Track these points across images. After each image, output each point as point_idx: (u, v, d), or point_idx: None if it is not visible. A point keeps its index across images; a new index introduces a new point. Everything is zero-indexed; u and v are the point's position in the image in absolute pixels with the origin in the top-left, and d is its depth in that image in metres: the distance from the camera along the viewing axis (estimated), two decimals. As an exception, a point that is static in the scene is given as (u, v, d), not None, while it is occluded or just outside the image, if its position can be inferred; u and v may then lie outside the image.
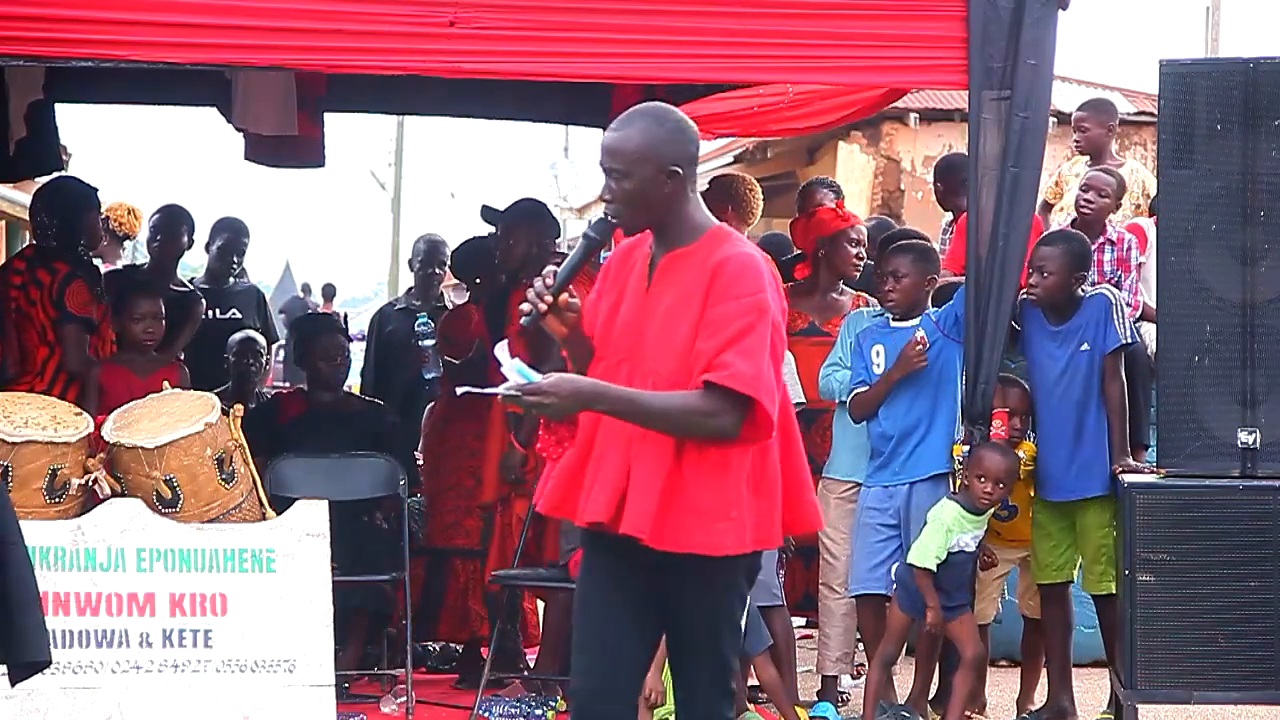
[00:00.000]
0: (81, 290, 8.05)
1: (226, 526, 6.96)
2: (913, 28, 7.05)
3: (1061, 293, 7.27)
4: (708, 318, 4.65)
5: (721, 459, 4.68)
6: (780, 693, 7.39)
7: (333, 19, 6.75)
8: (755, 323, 4.63)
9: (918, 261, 7.49)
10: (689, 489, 4.67)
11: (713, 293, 4.67)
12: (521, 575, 8.07)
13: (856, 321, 7.83)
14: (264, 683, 6.92)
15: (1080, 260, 7.32)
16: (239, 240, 10.45)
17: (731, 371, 4.59)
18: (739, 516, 4.69)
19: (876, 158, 21.09)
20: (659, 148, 4.79)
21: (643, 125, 4.83)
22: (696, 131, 4.95)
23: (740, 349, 4.60)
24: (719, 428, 4.63)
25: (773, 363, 4.67)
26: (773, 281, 4.77)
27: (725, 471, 4.68)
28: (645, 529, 4.65)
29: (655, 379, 4.70)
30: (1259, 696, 6.89)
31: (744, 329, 4.62)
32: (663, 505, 4.66)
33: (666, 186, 4.77)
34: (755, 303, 4.66)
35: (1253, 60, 6.88)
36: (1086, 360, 7.23)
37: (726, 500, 4.68)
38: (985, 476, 7.04)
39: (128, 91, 9.73)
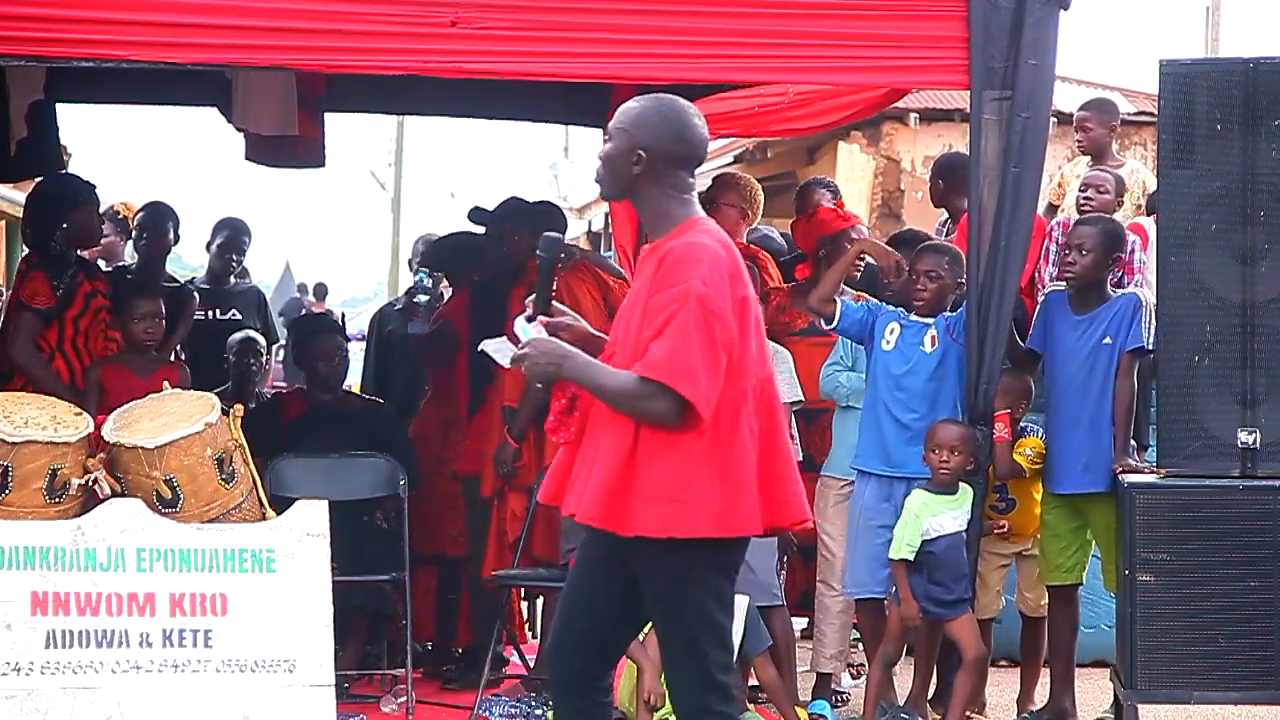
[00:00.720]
0: (37, 281, 8.12)
1: (226, 526, 6.95)
2: (913, 28, 7.05)
3: (1095, 273, 7.30)
4: (647, 308, 4.84)
5: (669, 443, 4.79)
6: (780, 693, 7.40)
7: (333, 19, 6.75)
8: (678, 310, 4.75)
9: (952, 264, 7.49)
10: (639, 473, 4.80)
11: (654, 283, 4.85)
12: (521, 575, 8.07)
13: None
14: (264, 683, 6.91)
15: (1116, 242, 7.36)
16: (239, 239, 10.44)
17: (647, 359, 4.77)
18: (689, 500, 4.77)
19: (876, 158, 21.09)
20: (640, 128, 4.93)
21: (645, 104, 5.00)
22: (697, 134, 5.01)
23: (663, 337, 4.75)
24: (654, 411, 4.77)
25: (712, 347, 4.76)
26: (726, 267, 4.85)
27: (672, 455, 4.78)
28: (594, 514, 4.83)
29: (622, 365, 4.89)
30: (1259, 696, 6.89)
31: (669, 317, 4.77)
32: (611, 490, 4.80)
33: (635, 167, 4.93)
34: (683, 291, 4.76)
35: (1253, 60, 6.88)
36: (1107, 354, 7.24)
37: (674, 484, 4.78)
38: (939, 447, 7.07)
39: (128, 91, 9.72)
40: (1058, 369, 7.37)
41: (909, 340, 7.43)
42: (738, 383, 4.87)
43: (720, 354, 4.79)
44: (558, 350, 4.92)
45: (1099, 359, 7.26)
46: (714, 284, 4.80)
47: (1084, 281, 7.31)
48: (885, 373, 7.43)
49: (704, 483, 4.80)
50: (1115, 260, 7.39)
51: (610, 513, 4.84)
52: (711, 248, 4.87)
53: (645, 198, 4.99)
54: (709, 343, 4.77)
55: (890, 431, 7.38)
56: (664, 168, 4.95)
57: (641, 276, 4.98)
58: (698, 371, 4.74)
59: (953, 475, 7.12)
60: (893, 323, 7.49)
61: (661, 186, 4.96)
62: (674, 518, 4.79)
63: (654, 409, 4.77)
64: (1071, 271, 7.32)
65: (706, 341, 4.77)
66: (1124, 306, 7.24)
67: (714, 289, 4.80)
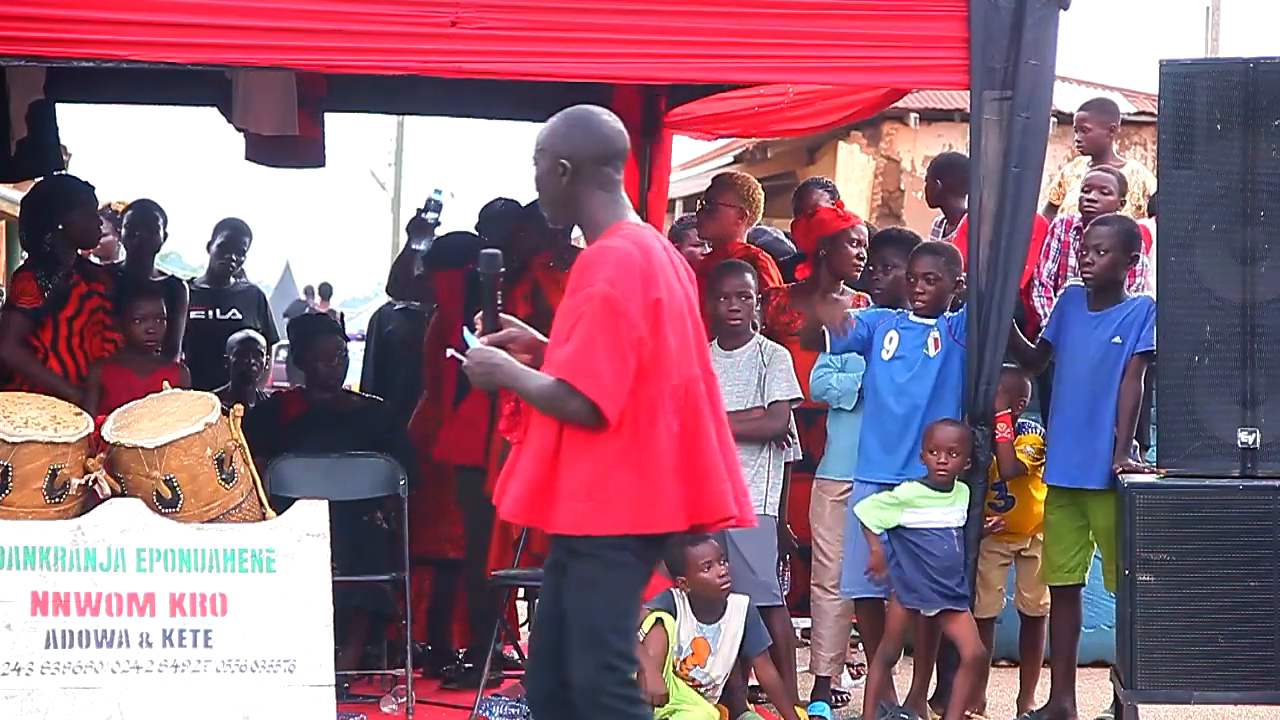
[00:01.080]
0: (25, 281, 8.17)
1: (226, 526, 6.95)
2: (914, 28, 7.05)
3: (1113, 272, 7.31)
4: (564, 308, 5.06)
5: (588, 442, 4.99)
6: (780, 693, 7.40)
7: (333, 19, 6.75)
8: (585, 312, 4.95)
9: (950, 264, 7.49)
10: (561, 472, 5.02)
11: (574, 284, 5.06)
12: (521, 575, 8.07)
13: None
14: (264, 683, 6.91)
15: (1133, 241, 7.39)
16: (239, 239, 10.44)
17: (556, 361, 5.00)
18: (606, 498, 4.98)
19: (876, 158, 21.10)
20: (554, 140, 5.15)
21: (552, 120, 5.21)
22: (608, 128, 5.19)
23: (571, 339, 4.97)
24: (570, 412, 4.98)
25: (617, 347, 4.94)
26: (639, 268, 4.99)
27: (591, 454, 4.99)
28: (517, 512, 5.12)
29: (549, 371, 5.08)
30: (1259, 696, 6.89)
31: (576, 319, 4.98)
32: (535, 488, 5.05)
33: (563, 178, 5.12)
34: (588, 294, 4.96)
35: (1253, 60, 6.88)
36: (1115, 353, 7.26)
37: (592, 482, 4.99)
38: (937, 448, 7.08)
39: (128, 91, 9.72)
40: (1066, 363, 7.40)
41: (911, 345, 7.42)
42: (654, 382, 5.02)
43: (628, 354, 4.96)
44: (491, 359, 5.15)
45: (1106, 357, 7.27)
46: (621, 285, 4.96)
47: (1102, 281, 7.34)
48: (889, 382, 7.42)
49: (621, 480, 4.97)
50: (1133, 259, 7.42)
51: (534, 510, 5.05)
52: (624, 249, 5.02)
53: (579, 207, 5.17)
54: (613, 343, 4.94)
55: (895, 440, 7.38)
56: (591, 169, 5.12)
57: (569, 282, 5.15)
58: (601, 371, 4.92)
59: (950, 476, 7.12)
60: (891, 331, 7.47)
61: (590, 189, 5.13)
62: (591, 514, 4.99)
63: (569, 409, 4.97)
64: (1090, 272, 7.35)
65: (611, 342, 4.94)
66: (1137, 309, 7.24)
67: (621, 290, 4.95)
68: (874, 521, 7.16)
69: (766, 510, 7.62)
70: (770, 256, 8.91)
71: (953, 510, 7.14)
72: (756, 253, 8.72)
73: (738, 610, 7.32)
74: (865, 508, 7.20)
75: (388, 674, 8.18)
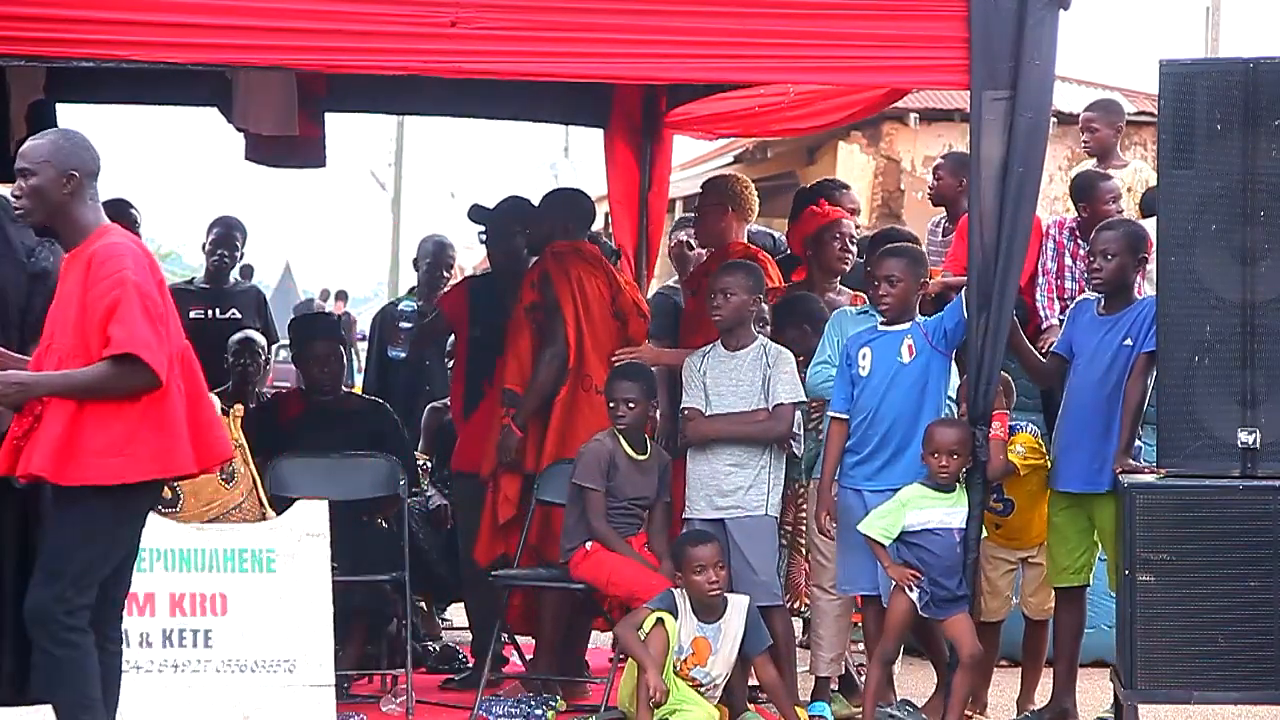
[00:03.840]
0: None
1: (226, 526, 6.97)
2: (914, 28, 7.05)
3: (1122, 275, 7.31)
4: (87, 301, 5.71)
5: (113, 406, 5.69)
6: (781, 693, 7.40)
7: (333, 19, 6.75)
8: (121, 295, 5.68)
9: (911, 265, 7.48)
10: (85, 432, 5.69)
11: (88, 280, 5.73)
12: (521, 575, 8.07)
13: (841, 320, 7.85)
14: (264, 683, 6.92)
15: (1140, 242, 7.37)
16: (231, 235, 10.46)
17: (114, 341, 5.66)
18: (132, 451, 5.71)
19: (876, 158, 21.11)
20: (60, 155, 5.84)
21: (51, 137, 5.92)
22: (98, 154, 5.95)
23: (116, 320, 5.66)
24: (133, 385, 5.70)
25: (153, 321, 5.72)
26: (144, 260, 5.84)
27: (117, 416, 5.69)
28: (46, 467, 5.68)
29: (63, 356, 5.75)
30: (1259, 696, 6.89)
31: (113, 303, 5.68)
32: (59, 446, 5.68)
33: (64, 188, 5.82)
34: (117, 279, 5.70)
35: (1253, 60, 6.87)
36: (1126, 356, 7.24)
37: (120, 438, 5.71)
38: (938, 450, 7.07)
39: (128, 91, 9.71)
40: (1078, 369, 7.37)
41: (884, 354, 7.39)
42: (168, 349, 5.81)
43: (159, 326, 5.75)
44: (28, 381, 5.75)
45: (1118, 361, 7.26)
46: (139, 272, 5.76)
47: (1112, 286, 7.32)
48: (867, 394, 7.39)
49: (146, 434, 5.74)
50: (1141, 261, 7.41)
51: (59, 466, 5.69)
52: (128, 245, 5.85)
53: (70, 216, 5.85)
54: (150, 318, 5.72)
55: (876, 448, 7.36)
56: (88, 183, 5.87)
57: (71, 279, 5.80)
58: (151, 341, 5.69)
59: (952, 477, 7.12)
60: (864, 348, 7.45)
61: (86, 200, 5.86)
62: (123, 467, 5.70)
63: (132, 382, 5.68)
64: (1099, 277, 7.33)
65: (148, 317, 5.72)
66: (1147, 309, 7.21)
67: (140, 276, 5.75)
68: (879, 533, 7.12)
69: (768, 511, 7.62)
70: (770, 257, 8.92)
71: (955, 511, 7.13)
72: (756, 252, 8.72)
73: (738, 610, 7.33)
74: (869, 523, 7.16)
75: (388, 674, 8.18)
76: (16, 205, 5.93)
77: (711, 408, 7.66)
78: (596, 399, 8.08)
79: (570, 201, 8.67)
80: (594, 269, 8.31)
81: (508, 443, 8.17)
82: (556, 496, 7.99)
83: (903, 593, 7.16)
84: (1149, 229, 7.57)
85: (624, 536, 7.68)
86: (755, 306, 7.74)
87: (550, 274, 8.24)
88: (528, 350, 8.23)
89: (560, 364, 8.15)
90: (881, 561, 7.16)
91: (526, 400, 8.17)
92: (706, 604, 7.27)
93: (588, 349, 8.18)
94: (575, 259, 8.27)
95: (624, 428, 7.72)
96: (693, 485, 7.69)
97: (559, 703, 7.82)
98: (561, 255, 8.29)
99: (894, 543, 7.14)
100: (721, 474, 7.61)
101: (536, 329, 8.25)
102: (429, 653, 8.87)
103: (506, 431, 8.17)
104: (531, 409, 8.18)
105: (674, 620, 7.22)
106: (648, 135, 10.03)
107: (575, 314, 8.17)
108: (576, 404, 8.18)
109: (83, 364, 5.71)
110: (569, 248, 8.33)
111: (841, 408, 7.45)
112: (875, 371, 7.39)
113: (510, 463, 8.19)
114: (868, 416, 7.38)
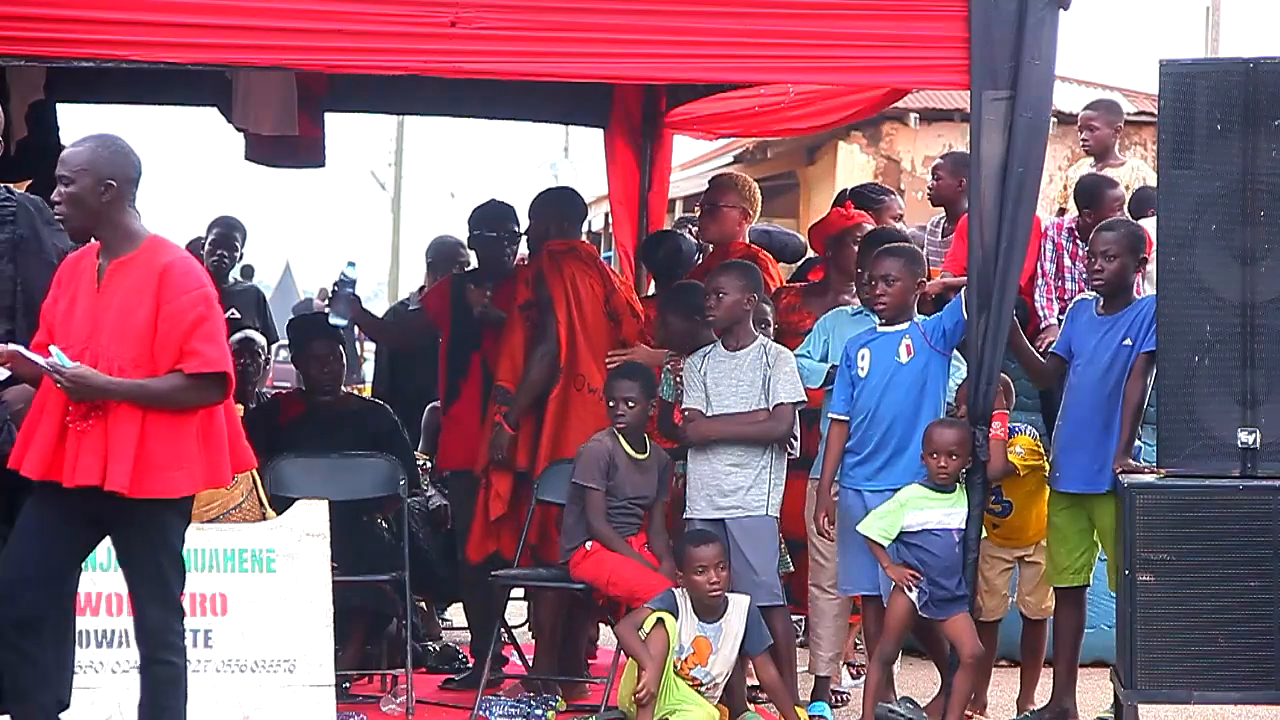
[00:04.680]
0: None
1: (226, 526, 6.97)
2: (914, 28, 7.05)
3: (1122, 276, 7.31)
4: (163, 314, 5.66)
5: (176, 421, 5.68)
6: (781, 692, 7.40)
7: (333, 19, 6.75)
8: (207, 313, 5.71)
9: (909, 265, 7.48)
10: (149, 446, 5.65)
11: (165, 293, 5.67)
12: (521, 575, 8.07)
13: (834, 319, 7.86)
14: (264, 683, 6.92)
15: (1139, 243, 7.37)
16: (230, 235, 10.47)
17: (205, 358, 5.66)
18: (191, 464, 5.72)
19: (876, 158, 21.11)
20: (99, 164, 5.75)
21: (91, 144, 5.83)
22: (139, 160, 5.87)
23: (202, 336, 5.67)
24: (208, 399, 5.72)
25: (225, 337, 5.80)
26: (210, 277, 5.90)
27: (179, 429, 5.69)
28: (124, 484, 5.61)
29: (119, 364, 5.65)
30: (1259, 696, 6.89)
31: (199, 318, 5.68)
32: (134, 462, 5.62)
33: (103, 196, 5.72)
34: (202, 296, 5.72)
35: (1253, 60, 6.87)
36: (1126, 355, 7.24)
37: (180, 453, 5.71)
38: (937, 451, 7.07)
39: (128, 91, 9.71)
40: (1078, 369, 7.36)
41: (883, 354, 7.39)
42: None
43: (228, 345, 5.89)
44: (99, 382, 5.62)
45: (1118, 360, 7.26)
46: (213, 290, 5.81)
47: (1113, 287, 7.32)
48: (867, 394, 7.40)
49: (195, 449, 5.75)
50: (1142, 262, 7.41)
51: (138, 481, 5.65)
52: (195, 261, 5.92)
53: (114, 222, 5.77)
54: (225, 337, 5.82)
55: (875, 448, 7.36)
56: (128, 190, 5.78)
57: (127, 287, 5.70)
58: (229, 359, 5.76)
59: (951, 477, 7.12)
60: (862, 349, 7.46)
61: (128, 208, 5.78)
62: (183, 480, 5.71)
63: (204, 398, 5.72)
64: (1100, 278, 7.33)
65: (223, 336, 5.80)
66: (1146, 309, 7.21)
67: (214, 294, 5.80)
68: (878, 533, 7.13)
69: (769, 511, 7.62)
70: (771, 256, 8.93)
71: (954, 512, 7.13)
72: (757, 252, 8.74)
73: (739, 609, 7.33)
74: (868, 524, 7.17)
75: (388, 674, 8.18)
76: (56, 212, 5.88)
77: (712, 408, 7.66)
78: (590, 398, 8.10)
79: (562, 200, 8.68)
80: (588, 268, 8.32)
81: (499, 440, 8.18)
82: (556, 496, 7.99)
83: (902, 593, 7.16)
84: (1147, 228, 7.58)
85: (624, 536, 7.68)
86: (751, 306, 7.73)
87: (544, 272, 8.26)
88: (521, 348, 8.25)
89: (551, 362, 8.17)
90: (881, 562, 7.17)
91: (518, 398, 8.20)
92: (707, 604, 7.27)
93: (581, 348, 8.20)
94: (570, 258, 8.29)
95: (623, 427, 7.72)
96: (693, 485, 7.69)
97: (559, 703, 7.82)
98: (556, 254, 8.30)
99: (893, 543, 7.15)
100: (722, 474, 7.61)
101: (530, 327, 8.27)
102: (429, 653, 8.87)
103: (498, 429, 8.19)
104: (523, 407, 8.20)
105: (674, 620, 7.22)
106: (648, 135, 10.04)
107: (568, 313, 8.19)
108: (569, 403, 8.19)
109: (146, 374, 5.65)
110: (564, 246, 8.35)
111: (842, 409, 7.45)
112: (874, 372, 7.39)
113: (501, 460, 8.20)
114: (867, 417, 7.39)
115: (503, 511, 8.24)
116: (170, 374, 5.65)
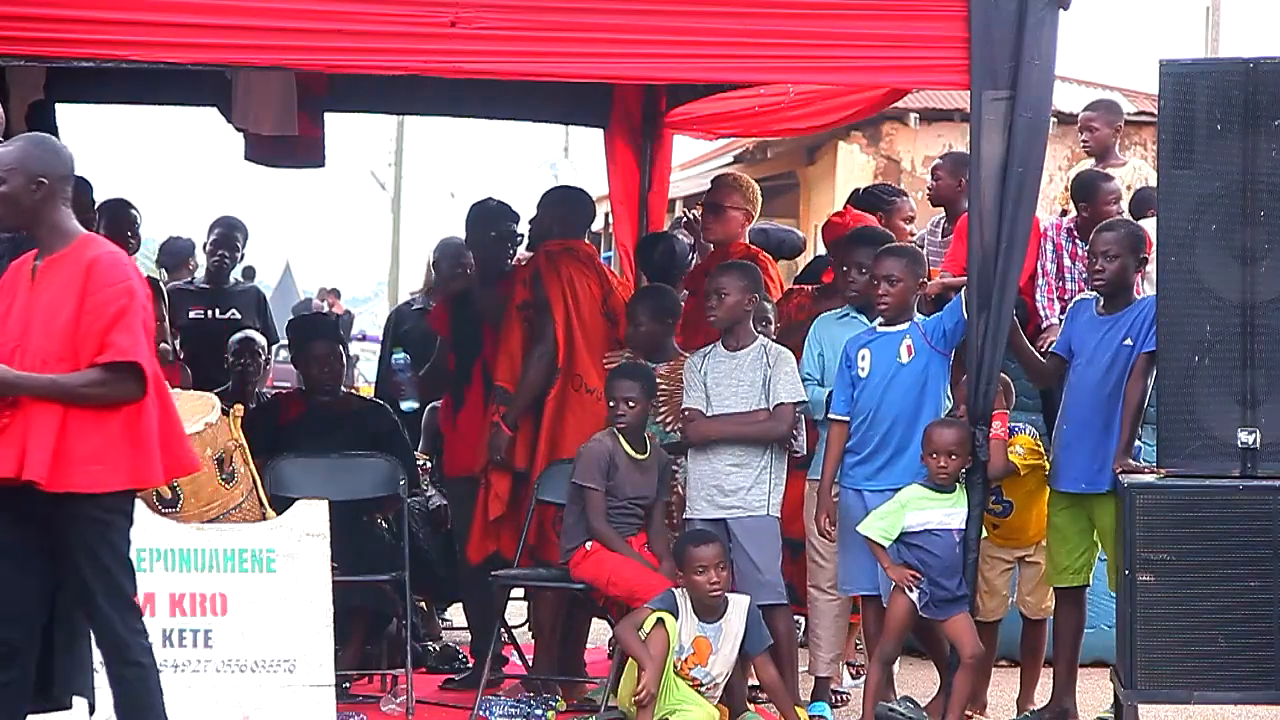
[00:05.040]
0: None
1: (226, 526, 6.96)
2: (914, 28, 7.05)
3: (1123, 276, 7.31)
4: (85, 307, 5.64)
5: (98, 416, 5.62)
6: (781, 692, 7.40)
7: (333, 19, 6.75)
8: (127, 305, 5.66)
9: (911, 265, 7.49)
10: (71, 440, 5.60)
11: (89, 286, 5.66)
12: (521, 575, 8.07)
13: (823, 328, 7.86)
14: (264, 683, 6.92)
15: (1139, 243, 7.38)
16: (231, 235, 10.46)
17: (118, 348, 5.62)
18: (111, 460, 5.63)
19: (876, 158, 21.12)
20: (30, 162, 5.72)
21: (21, 143, 5.83)
22: (71, 158, 5.84)
23: (120, 328, 5.63)
24: (125, 393, 5.65)
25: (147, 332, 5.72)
26: (138, 272, 5.84)
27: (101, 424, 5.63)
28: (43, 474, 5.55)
29: (44, 359, 5.63)
30: (1259, 696, 6.89)
31: (119, 311, 5.65)
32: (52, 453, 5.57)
33: (36, 194, 5.70)
34: (125, 289, 5.67)
35: (1253, 60, 6.87)
36: (1127, 355, 7.24)
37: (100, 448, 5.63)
38: (937, 451, 7.07)
39: (128, 91, 9.72)
40: (1078, 369, 7.36)
41: (883, 354, 7.40)
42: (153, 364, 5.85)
43: (150, 341, 5.77)
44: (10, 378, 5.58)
45: (1118, 361, 7.26)
46: (140, 285, 5.75)
47: (1113, 287, 7.32)
48: (867, 395, 7.40)
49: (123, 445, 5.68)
50: (1142, 262, 7.41)
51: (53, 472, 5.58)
52: (128, 257, 5.88)
53: (48, 220, 5.74)
54: (146, 332, 5.72)
55: (876, 448, 7.37)
56: (62, 188, 5.75)
57: (57, 284, 5.67)
58: (147, 354, 5.69)
59: (951, 478, 7.12)
60: (863, 349, 7.46)
61: (61, 206, 5.76)
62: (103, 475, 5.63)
63: (121, 392, 5.64)
64: (1101, 279, 7.33)
65: (145, 331, 5.70)
66: (1147, 309, 7.21)
67: (140, 290, 5.74)
68: (879, 534, 7.13)
69: (770, 511, 7.62)
70: (771, 257, 8.94)
71: (954, 512, 7.13)
72: (757, 252, 8.74)
73: (739, 609, 7.33)
74: (869, 524, 7.17)
75: (388, 674, 8.18)
76: None
77: (712, 408, 7.66)
78: (587, 398, 8.11)
79: (570, 200, 8.69)
80: (586, 268, 8.32)
81: (497, 441, 8.19)
82: (555, 496, 7.99)
83: (903, 593, 7.17)
84: (1147, 229, 7.58)
85: (624, 536, 7.68)
86: (751, 306, 7.73)
87: (541, 272, 8.26)
88: (519, 348, 8.26)
89: (549, 362, 8.17)
90: (881, 563, 7.17)
91: (516, 398, 8.20)
92: (707, 604, 7.27)
93: (579, 348, 8.20)
94: (567, 258, 8.29)
95: (624, 427, 7.72)
96: (694, 485, 7.69)
97: (559, 703, 7.82)
98: (554, 254, 8.31)
99: (894, 543, 7.15)
100: (723, 474, 7.61)
101: (528, 327, 8.27)
102: (429, 653, 8.87)
103: (496, 429, 8.19)
104: (521, 407, 8.20)
105: (674, 620, 7.22)
106: (648, 135, 10.04)
107: (565, 313, 8.19)
108: (567, 403, 8.20)
109: (69, 369, 5.61)
110: (561, 247, 8.35)
111: (842, 409, 7.46)
112: (874, 372, 7.40)
113: (500, 461, 8.20)
114: (867, 417, 7.40)
115: (502, 512, 8.25)
116: (88, 369, 5.60)
